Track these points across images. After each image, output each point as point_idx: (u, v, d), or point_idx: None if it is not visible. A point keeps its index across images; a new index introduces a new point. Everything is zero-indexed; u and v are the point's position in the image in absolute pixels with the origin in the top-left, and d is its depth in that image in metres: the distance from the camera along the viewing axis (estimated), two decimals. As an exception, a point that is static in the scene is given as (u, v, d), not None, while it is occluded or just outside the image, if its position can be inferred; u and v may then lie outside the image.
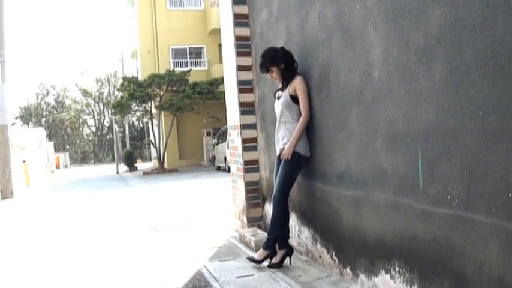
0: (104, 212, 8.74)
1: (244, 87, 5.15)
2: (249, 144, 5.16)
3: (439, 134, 2.32)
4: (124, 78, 23.48)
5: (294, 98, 3.76)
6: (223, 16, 5.46)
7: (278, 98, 3.93)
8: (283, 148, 3.79)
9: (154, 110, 22.30)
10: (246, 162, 5.14)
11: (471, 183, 2.13)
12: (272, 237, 3.87)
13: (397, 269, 2.72)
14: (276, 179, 3.91)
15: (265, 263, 3.89)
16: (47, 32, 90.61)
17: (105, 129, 54.33)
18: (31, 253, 5.35)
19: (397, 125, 2.66)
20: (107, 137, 53.26)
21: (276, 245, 3.91)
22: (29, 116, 53.96)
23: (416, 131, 2.49)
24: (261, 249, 3.93)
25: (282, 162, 3.79)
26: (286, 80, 3.85)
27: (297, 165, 3.79)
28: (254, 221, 5.12)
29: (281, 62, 3.84)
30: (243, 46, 5.14)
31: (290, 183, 3.84)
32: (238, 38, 5.14)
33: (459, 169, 2.19)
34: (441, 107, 2.29)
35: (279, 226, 3.86)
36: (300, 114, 3.76)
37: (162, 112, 21.85)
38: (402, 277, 2.67)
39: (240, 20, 5.14)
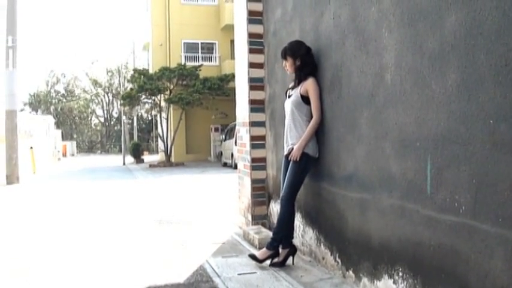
0: (109, 202, 8.79)
1: (255, 84, 5.16)
2: (257, 141, 5.17)
3: (449, 141, 2.32)
4: (135, 70, 23.57)
5: (305, 99, 3.76)
6: (237, 12, 5.47)
7: (289, 96, 3.94)
8: (292, 148, 3.79)
9: (163, 103, 22.39)
10: (254, 160, 5.15)
11: (479, 192, 2.13)
12: (277, 238, 3.87)
13: (400, 274, 2.72)
14: (283, 178, 3.92)
15: (268, 262, 3.90)
16: (60, 20, 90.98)
17: (114, 120, 54.54)
18: (30, 241, 5.39)
19: (407, 129, 2.66)
20: (115, 128, 53.48)
21: (279, 245, 3.92)
22: (38, 103, 54.25)
23: (426, 136, 2.49)
24: (264, 249, 3.94)
25: (291, 163, 3.80)
26: (299, 78, 3.85)
27: (305, 167, 3.80)
28: (259, 219, 5.14)
29: (298, 58, 3.84)
30: (255, 43, 5.15)
31: (298, 185, 3.84)
32: (251, 35, 5.15)
33: (467, 177, 2.20)
34: (452, 114, 2.29)
35: (285, 227, 3.87)
36: (310, 115, 3.77)
37: (171, 106, 21.92)
38: (405, 282, 2.67)
39: (254, 17, 5.14)
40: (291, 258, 3.91)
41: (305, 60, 3.83)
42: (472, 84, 2.16)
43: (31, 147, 17.94)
